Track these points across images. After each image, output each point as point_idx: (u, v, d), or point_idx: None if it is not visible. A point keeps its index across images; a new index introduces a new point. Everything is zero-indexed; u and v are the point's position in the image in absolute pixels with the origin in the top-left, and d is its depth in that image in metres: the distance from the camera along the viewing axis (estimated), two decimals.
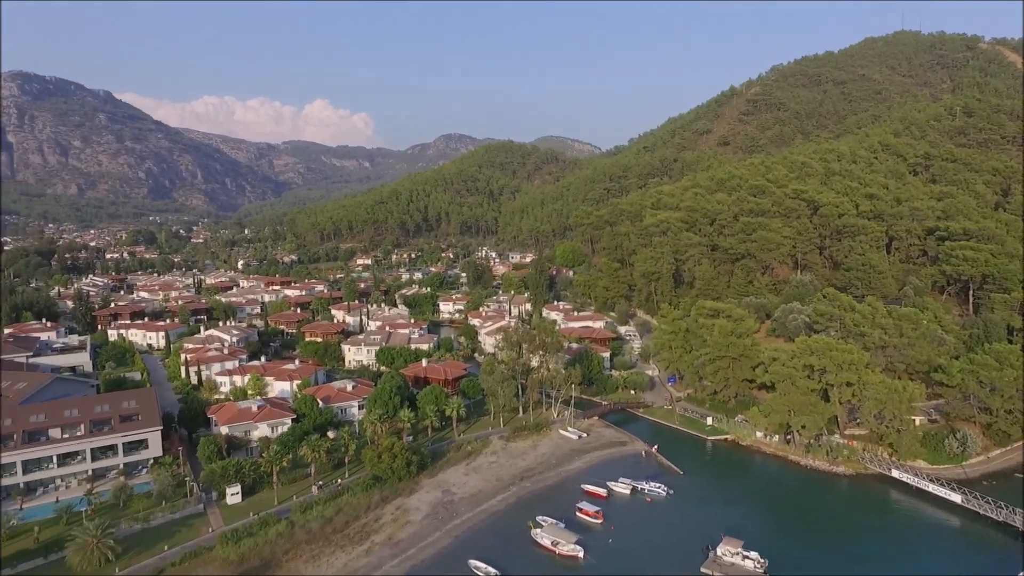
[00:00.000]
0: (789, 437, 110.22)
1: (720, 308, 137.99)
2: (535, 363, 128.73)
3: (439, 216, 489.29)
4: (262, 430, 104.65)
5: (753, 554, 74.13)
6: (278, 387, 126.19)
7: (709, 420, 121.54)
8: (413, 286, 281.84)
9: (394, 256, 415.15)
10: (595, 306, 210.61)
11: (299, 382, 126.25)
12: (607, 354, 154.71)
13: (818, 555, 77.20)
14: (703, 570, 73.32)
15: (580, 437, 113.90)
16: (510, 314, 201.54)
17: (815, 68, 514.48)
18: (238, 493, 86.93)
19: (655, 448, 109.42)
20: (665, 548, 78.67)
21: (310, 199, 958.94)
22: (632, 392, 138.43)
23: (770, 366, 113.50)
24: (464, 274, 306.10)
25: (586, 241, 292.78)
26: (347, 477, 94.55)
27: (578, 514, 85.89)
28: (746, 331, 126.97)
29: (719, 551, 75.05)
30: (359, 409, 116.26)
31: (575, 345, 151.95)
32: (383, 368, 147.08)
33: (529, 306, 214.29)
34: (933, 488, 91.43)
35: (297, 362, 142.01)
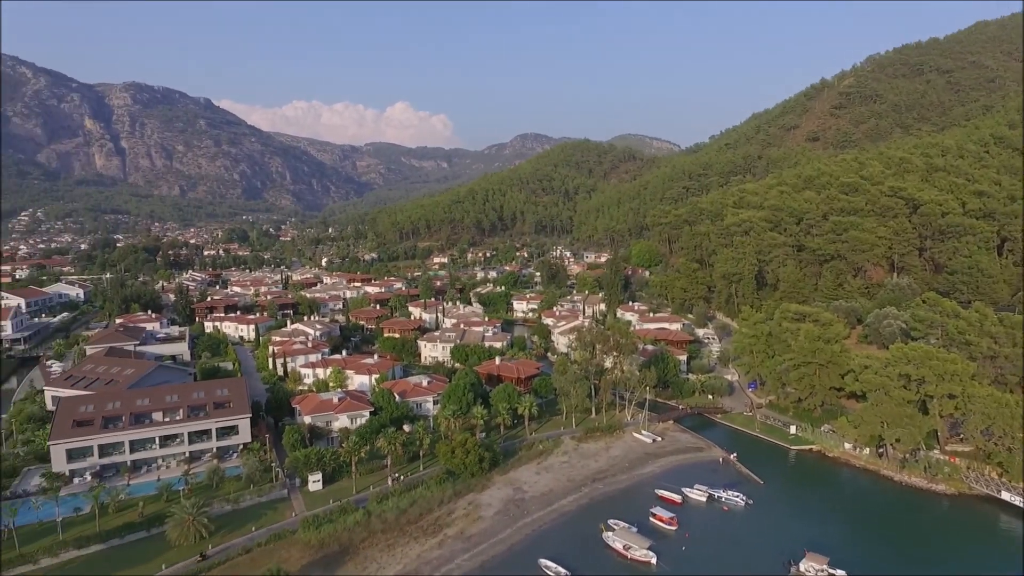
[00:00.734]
0: (881, 450, 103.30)
1: (806, 312, 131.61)
2: (609, 364, 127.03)
3: (514, 215, 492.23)
4: (342, 421, 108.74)
5: (840, 572, 70.02)
6: (357, 380, 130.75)
7: (792, 429, 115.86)
8: (488, 284, 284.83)
9: (469, 255, 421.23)
10: (672, 307, 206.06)
11: (377, 376, 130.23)
12: (684, 357, 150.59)
13: None
14: None
15: (654, 441, 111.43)
16: (584, 314, 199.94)
17: (917, 56, 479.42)
18: (319, 480, 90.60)
19: (734, 456, 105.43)
20: (743, 559, 75.43)
21: (390, 199, 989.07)
22: (710, 397, 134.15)
23: (861, 374, 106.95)
24: (538, 273, 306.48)
25: (663, 241, 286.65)
26: (421, 470, 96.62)
27: (651, 519, 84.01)
28: (835, 336, 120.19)
29: (802, 566, 71.38)
30: (433, 404, 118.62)
31: (650, 347, 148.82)
32: (457, 365, 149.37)
33: (603, 306, 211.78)
34: None
35: (376, 357, 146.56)
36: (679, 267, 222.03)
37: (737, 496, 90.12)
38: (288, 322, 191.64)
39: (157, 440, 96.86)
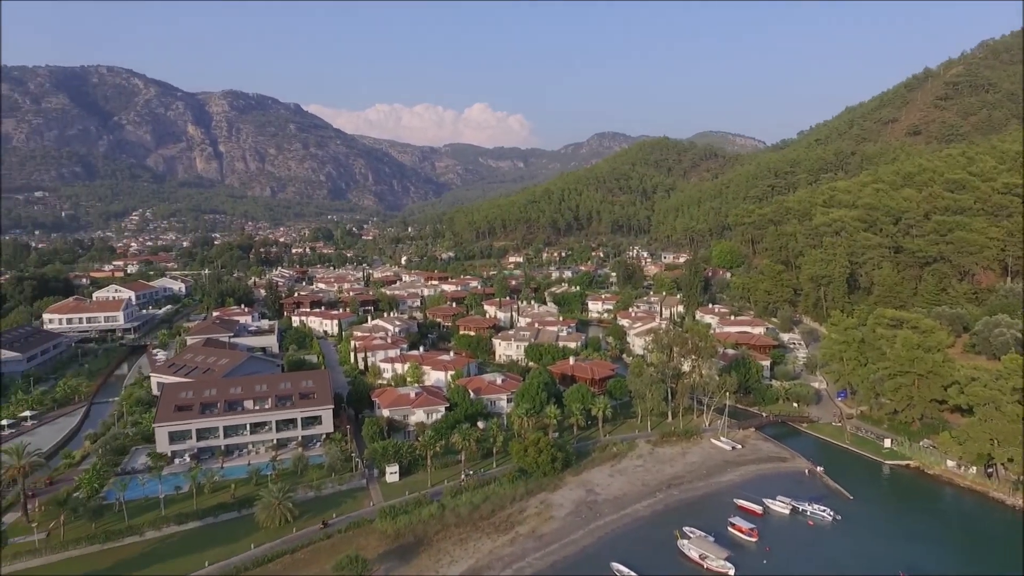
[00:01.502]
0: (991, 470, 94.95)
1: (904, 318, 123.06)
2: (686, 367, 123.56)
3: (590, 215, 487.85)
4: (418, 415, 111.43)
5: None
6: (434, 376, 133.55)
7: (887, 442, 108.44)
8: (562, 284, 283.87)
9: (544, 254, 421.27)
10: (754, 310, 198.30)
11: (453, 373, 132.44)
12: (767, 362, 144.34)
13: None
14: None
15: (734, 448, 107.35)
16: (661, 315, 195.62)
17: None
18: (396, 472, 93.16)
19: (820, 468, 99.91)
20: None
21: (467, 199, 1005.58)
22: (795, 405, 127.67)
23: (967, 386, 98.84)
24: (614, 273, 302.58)
25: (746, 241, 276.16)
26: (494, 467, 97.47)
27: (730, 529, 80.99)
28: (937, 345, 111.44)
29: None
30: (507, 402, 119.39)
31: (731, 351, 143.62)
32: (531, 364, 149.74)
33: (681, 308, 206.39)
34: None
35: (452, 354, 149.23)
36: (763, 268, 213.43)
37: (824, 510, 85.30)
38: (369, 318, 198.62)
39: (248, 427, 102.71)
